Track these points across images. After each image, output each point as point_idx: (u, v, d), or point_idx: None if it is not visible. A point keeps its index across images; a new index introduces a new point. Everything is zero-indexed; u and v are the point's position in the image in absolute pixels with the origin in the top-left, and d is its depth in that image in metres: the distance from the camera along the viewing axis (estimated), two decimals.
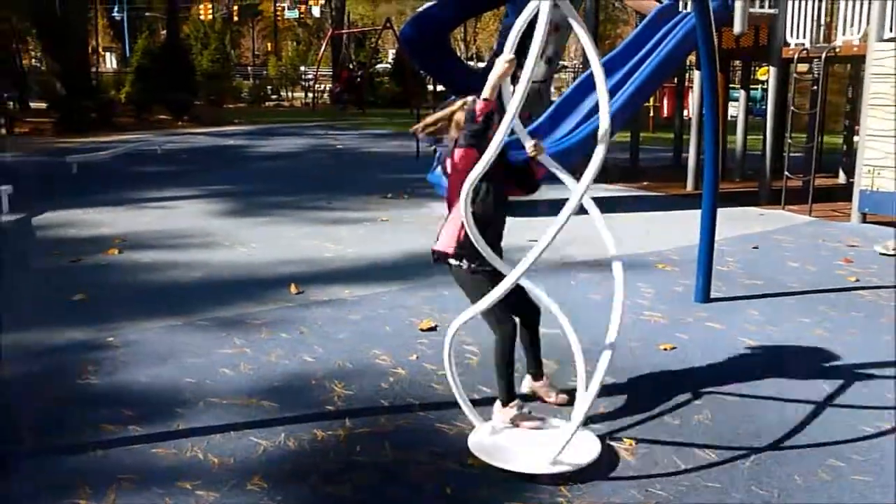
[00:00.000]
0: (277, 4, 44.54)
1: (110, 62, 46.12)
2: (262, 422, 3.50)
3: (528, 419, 3.36)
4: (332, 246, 6.74)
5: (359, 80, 30.35)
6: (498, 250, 3.33)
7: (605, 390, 3.84)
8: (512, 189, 3.38)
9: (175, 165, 12.39)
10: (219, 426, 3.45)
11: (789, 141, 8.79)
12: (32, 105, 25.38)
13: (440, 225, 3.38)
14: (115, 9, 45.14)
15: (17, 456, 3.22)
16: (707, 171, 5.06)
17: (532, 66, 2.80)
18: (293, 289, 5.45)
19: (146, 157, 13.09)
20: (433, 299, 5.22)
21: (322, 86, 35.47)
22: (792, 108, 9.18)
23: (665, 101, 18.28)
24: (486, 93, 3.03)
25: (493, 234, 3.31)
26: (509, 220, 3.43)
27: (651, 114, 18.94)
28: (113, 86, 28.40)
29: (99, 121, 19.91)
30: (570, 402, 3.50)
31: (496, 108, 3.07)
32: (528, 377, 3.71)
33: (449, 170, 3.20)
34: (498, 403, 3.40)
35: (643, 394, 3.77)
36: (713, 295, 5.25)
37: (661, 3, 10.20)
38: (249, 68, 44.19)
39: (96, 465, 3.12)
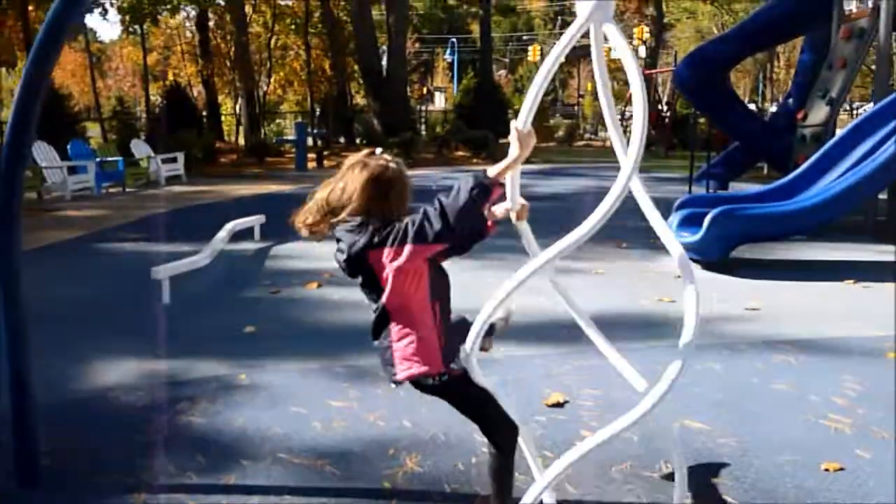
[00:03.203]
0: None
1: (439, 101, 49.72)
2: (308, 489, 3.28)
3: None
4: (519, 298, 6.32)
5: (666, 120, 29.21)
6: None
7: None
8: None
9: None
10: (265, 487, 3.29)
11: None
12: (357, 142, 27.92)
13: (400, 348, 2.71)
14: (448, 51, 49.11)
15: (61, 476, 3.31)
16: None
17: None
18: None
19: (416, 192, 13.58)
20: (586, 369, 4.65)
21: (629, 126, 34.90)
22: None
23: None
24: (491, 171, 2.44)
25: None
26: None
27: None
28: (439, 123, 30.41)
29: (401, 156, 21.28)
30: None
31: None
32: None
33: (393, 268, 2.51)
34: None
35: None
36: None
37: None
38: (575, 108, 45.09)
39: None
